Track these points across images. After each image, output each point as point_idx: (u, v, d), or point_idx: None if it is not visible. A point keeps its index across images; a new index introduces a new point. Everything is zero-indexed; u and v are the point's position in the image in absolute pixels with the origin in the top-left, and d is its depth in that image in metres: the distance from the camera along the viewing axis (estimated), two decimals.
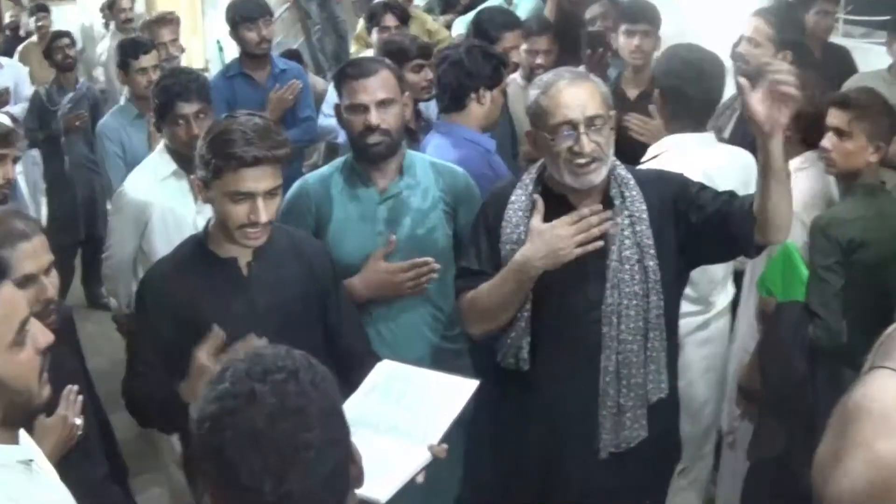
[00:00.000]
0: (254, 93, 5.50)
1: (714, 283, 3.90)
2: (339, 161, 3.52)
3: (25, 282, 2.46)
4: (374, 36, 5.81)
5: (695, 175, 3.46)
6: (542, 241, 2.88)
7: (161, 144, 4.24)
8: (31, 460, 1.94)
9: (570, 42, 5.42)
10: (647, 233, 2.96)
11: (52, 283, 2.64)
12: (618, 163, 3.03)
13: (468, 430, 3.10)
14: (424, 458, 2.51)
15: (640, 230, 2.95)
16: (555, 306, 3.01)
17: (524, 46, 5.18)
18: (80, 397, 2.54)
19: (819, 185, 3.86)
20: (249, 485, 1.54)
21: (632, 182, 3.00)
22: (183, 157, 4.05)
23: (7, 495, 1.81)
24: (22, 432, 1.99)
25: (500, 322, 3.03)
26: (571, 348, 3.00)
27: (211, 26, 8.81)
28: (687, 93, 3.68)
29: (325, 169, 3.51)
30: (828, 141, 3.67)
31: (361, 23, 7.21)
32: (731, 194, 3.01)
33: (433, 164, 3.51)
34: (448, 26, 7.52)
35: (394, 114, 3.30)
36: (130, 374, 3.01)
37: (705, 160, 3.66)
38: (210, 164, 2.75)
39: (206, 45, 8.73)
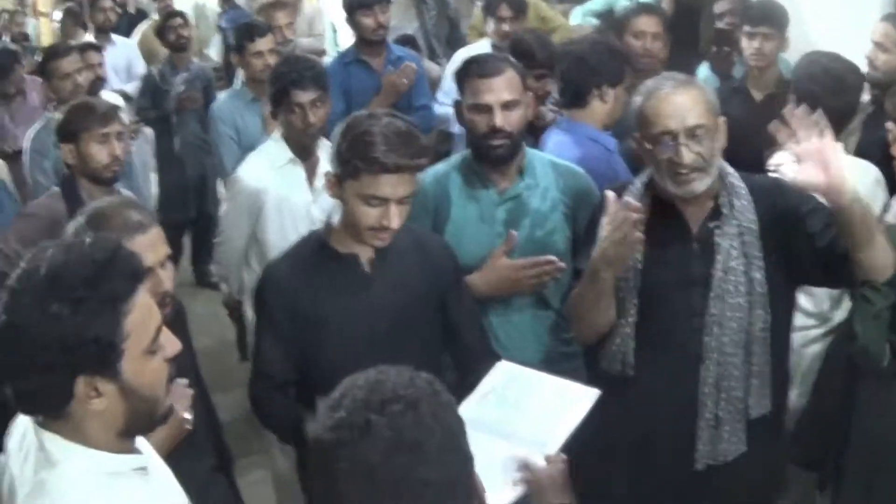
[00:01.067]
0: (370, 79, 5.44)
1: (832, 298, 3.76)
2: (456, 159, 3.46)
3: None
4: (491, 26, 5.73)
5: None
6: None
7: (277, 132, 4.22)
8: (146, 466, 1.93)
9: (686, 37, 5.28)
10: (756, 244, 2.88)
11: (167, 275, 2.62)
12: (731, 171, 2.94)
13: None
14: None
15: (748, 241, 2.88)
16: (659, 313, 2.95)
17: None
18: (190, 391, 2.51)
19: None
20: None
21: (743, 191, 2.90)
22: (299, 145, 4.04)
23: None
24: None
25: (592, 324, 3.00)
26: (673, 356, 2.94)
27: (325, 10, 8.79)
28: (826, 103, 3.51)
29: (441, 167, 3.43)
30: None
31: (477, 10, 7.13)
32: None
33: (553, 164, 3.43)
34: (566, 14, 7.39)
35: (518, 115, 3.23)
36: (257, 377, 3.01)
37: None
38: (349, 164, 2.71)
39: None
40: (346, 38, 6.52)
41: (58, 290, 1.70)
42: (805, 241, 2.87)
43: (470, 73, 3.26)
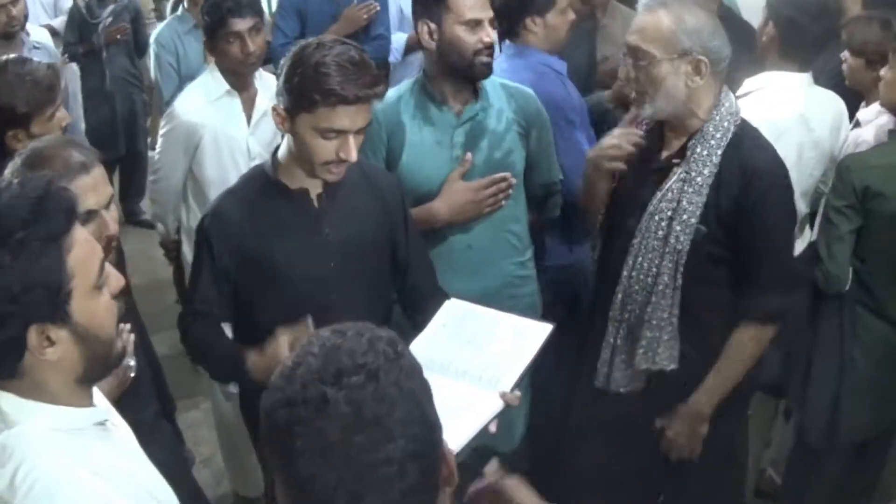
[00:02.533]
0: (328, 3, 5.23)
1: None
2: (406, 85, 3.34)
3: (87, 218, 2.29)
4: None
5: (791, 118, 3.44)
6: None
7: (213, 62, 4.04)
8: (105, 420, 1.84)
9: None
10: (694, 199, 2.83)
11: (112, 217, 2.46)
12: (719, 118, 2.85)
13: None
14: (497, 406, 2.40)
15: (686, 190, 2.83)
16: (612, 225, 3.05)
17: None
18: (132, 336, 2.37)
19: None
20: (323, 499, 1.36)
21: (714, 143, 2.83)
22: (236, 76, 3.88)
23: (88, 466, 1.70)
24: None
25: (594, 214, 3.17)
26: (615, 273, 2.98)
27: None
28: (806, 26, 3.47)
29: (391, 93, 3.31)
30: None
31: None
32: (773, 282, 2.91)
33: (504, 86, 3.36)
34: None
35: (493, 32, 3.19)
36: (188, 311, 2.89)
37: (803, 103, 3.53)
38: (303, 97, 2.56)
39: None
40: None
41: None
42: (740, 234, 2.86)
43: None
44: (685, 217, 2.83)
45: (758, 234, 2.85)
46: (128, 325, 2.30)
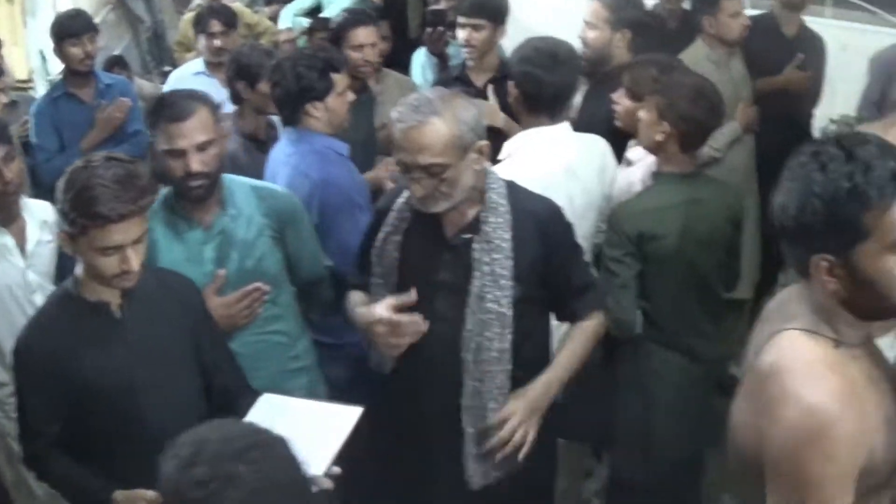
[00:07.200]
0: (80, 112, 5.24)
1: None
2: (158, 201, 3.27)
3: None
4: (202, 42, 5.63)
5: (556, 171, 3.54)
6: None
7: None
8: None
9: (396, 24, 5.35)
10: (506, 263, 2.91)
11: None
12: (496, 185, 2.96)
13: None
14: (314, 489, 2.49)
15: (496, 258, 2.91)
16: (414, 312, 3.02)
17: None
18: None
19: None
20: None
21: (503, 209, 2.94)
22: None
23: None
24: None
25: None
26: (429, 364, 3.02)
27: (32, 36, 8.32)
28: (541, 80, 3.60)
29: None
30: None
31: (182, 24, 7.00)
32: (586, 287, 3.15)
33: (254, 188, 3.41)
34: (273, 18, 7.33)
35: (213, 154, 3.17)
36: (29, 436, 2.91)
37: (564, 155, 3.64)
38: (75, 223, 2.64)
39: (29, 55, 8.27)
40: (56, 64, 6.19)
41: None
42: (556, 277, 3.03)
43: (161, 116, 3.16)
44: (502, 283, 2.91)
45: (566, 262, 3.07)
46: None
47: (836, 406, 1.91)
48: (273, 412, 2.74)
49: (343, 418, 2.70)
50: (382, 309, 2.95)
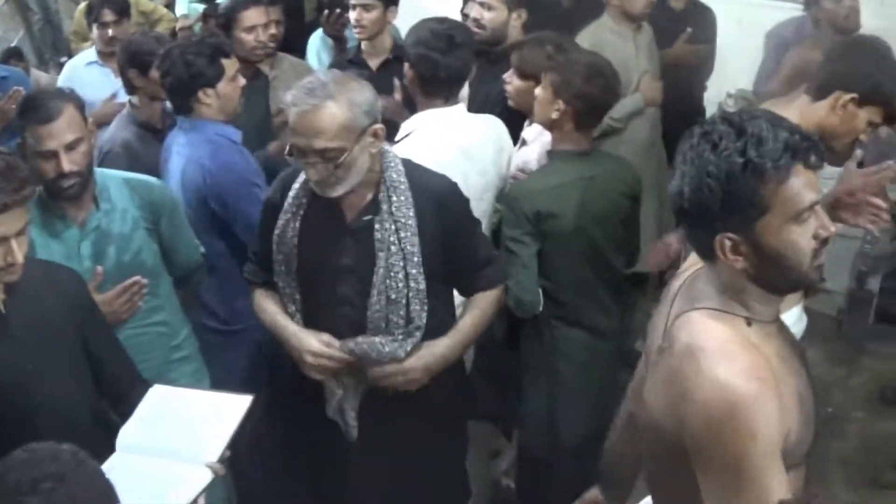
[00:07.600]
0: None
1: None
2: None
3: None
4: (95, 32, 5.54)
5: (451, 152, 3.54)
6: None
7: None
8: None
9: (292, 8, 5.32)
10: (413, 240, 2.93)
11: None
12: (393, 164, 2.96)
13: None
14: (206, 478, 2.54)
15: (404, 236, 2.92)
16: (319, 298, 3.05)
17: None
18: None
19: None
20: None
21: (403, 186, 2.94)
22: None
23: None
24: None
25: None
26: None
27: None
28: (438, 62, 3.60)
29: None
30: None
31: (77, 14, 6.91)
32: (488, 261, 3.20)
33: (127, 181, 3.39)
34: (169, 5, 7.25)
35: (82, 152, 3.14)
36: None
37: (459, 136, 3.64)
38: None
39: None
40: None
41: None
42: (462, 254, 3.08)
43: (28, 119, 3.12)
44: (415, 260, 2.92)
45: (467, 237, 3.12)
46: None
47: (752, 384, 1.90)
48: (164, 403, 2.78)
49: (234, 407, 2.72)
50: (316, 342, 3.00)
